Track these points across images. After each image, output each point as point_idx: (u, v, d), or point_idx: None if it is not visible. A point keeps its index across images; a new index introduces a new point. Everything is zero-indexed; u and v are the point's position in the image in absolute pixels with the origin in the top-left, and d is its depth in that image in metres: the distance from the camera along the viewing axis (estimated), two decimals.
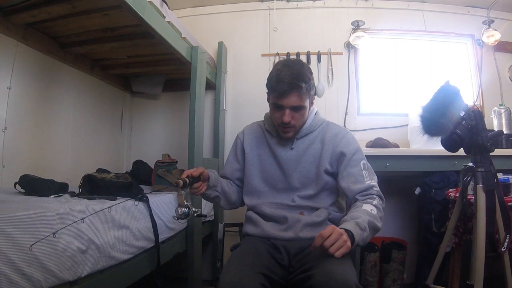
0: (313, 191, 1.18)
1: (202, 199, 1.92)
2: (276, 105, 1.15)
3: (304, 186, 1.19)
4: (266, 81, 1.19)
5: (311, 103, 1.21)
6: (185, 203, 1.02)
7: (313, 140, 1.22)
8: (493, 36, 2.32)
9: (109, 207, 1.05)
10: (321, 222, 1.14)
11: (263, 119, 1.33)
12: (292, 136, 1.20)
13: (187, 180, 1.01)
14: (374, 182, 1.15)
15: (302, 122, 1.19)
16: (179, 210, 1.01)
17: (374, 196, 1.11)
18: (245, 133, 1.33)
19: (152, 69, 2.33)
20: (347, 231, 0.90)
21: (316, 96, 2.34)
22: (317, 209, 1.17)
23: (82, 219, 0.97)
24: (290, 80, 1.09)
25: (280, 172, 1.22)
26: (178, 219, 1.02)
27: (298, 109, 1.14)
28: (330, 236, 0.85)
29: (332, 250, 0.85)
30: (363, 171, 1.15)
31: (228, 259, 1.06)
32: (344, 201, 1.28)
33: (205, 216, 1.15)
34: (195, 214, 1.04)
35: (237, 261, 0.99)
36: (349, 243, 0.87)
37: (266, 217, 1.18)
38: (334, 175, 1.20)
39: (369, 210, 1.03)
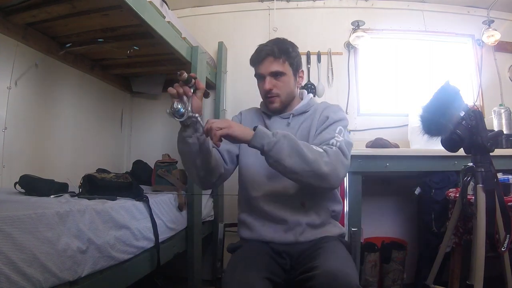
0: None
1: (202, 197, 1.93)
2: (257, 76, 1.18)
3: None
4: None
5: (300, 77, 1.23)
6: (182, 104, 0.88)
7: (308, 117, 1.20)
8: (493, 36, 2.32)
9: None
10: (322, 223, 1.12)
11: (259, 106, 1.31)
12: (279, 106, 1.18)
13: (193, 78, 0.91)
14: (340, 138, 1.04)
15: (287, 91, 1.18)
16: (175, 105, 0.88)
17: (332, 147, 1.00)
18: (242, 114, 1.31)
19: (152, 69, 2.33)
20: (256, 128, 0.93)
21: (316, 96, 2.38)
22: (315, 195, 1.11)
23: None
24: (266, 49, 1.15)
25: None
26: (173, 114, 0.89)
27: (277, 74, 1.14)
28: (217, 120, 0.92)
29: (213, 126, 0.89)
30: (336, 133, 1.05)
31: (229, 262, 1.05)
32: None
33: (200, 115, 0.97)
34: (191, 114, 0.92)
35: (241, 265, 0.97)
36: (235, 130, 0.91)
37: (263, 217, 1.12)
38: None
39: (309, 144, 0.98)
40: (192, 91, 0.93)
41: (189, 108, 0.91)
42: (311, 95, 1.27)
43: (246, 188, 1.17)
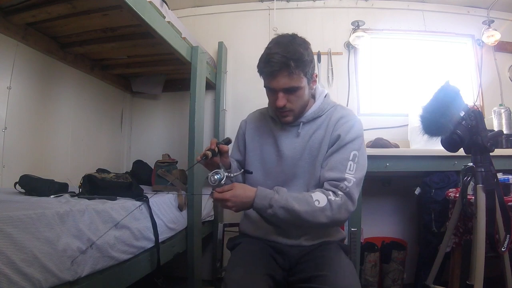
0: (316, 182, 1.07)
1: (202, 197, 1.93)
2: (268, 88, 1.06)
3: (308, 176, 1.09)
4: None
5: (313, 82, 1.09)
6: (217, 171, 0.98)
7: (320, 125, 1.10)
8: (493, 36, 2.32)
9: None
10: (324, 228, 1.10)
11: (267, 106, 1.21)
12: (292, 120, 1.09)
13: (215, 149, 1.01)
14: (352, 177, 0.99)
15: (301, 104, 1.07)
16: (213, 179, 0.95)
17: (339, 192, 0.97)
18: (247, 121, 1.25)
19: (152, 69, 2.33)
20: (255, 197, 0.95)
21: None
22: None
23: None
24: (279, 59, 0.98)
25: (282, 164, 1.11)
26: (214, 183, 0.96)
27: (292, 90, 1.02)
28: (224, 195, 0.93)
29: (216, 197, 0.94)
30: (349, 162, 1.01)
31: (229, 259, 1.05)
32: None
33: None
34: (232, 175, 1.01)
35: (242, 261, 0.98)
36: (234, 208, 0.94)
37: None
38: None
39: (312, 200, 0.94)
40: (218, 156, 1.03)
41: (223, 173, 0.98)
42: (325, 92, 1.16)
43: (252, 181, 1.17)
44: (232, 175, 1.01)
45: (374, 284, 2.02)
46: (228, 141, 1.08)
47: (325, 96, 1.15)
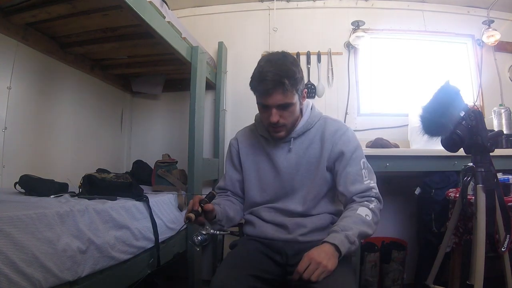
0: (314, 194, 1.12)
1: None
2: (262, 105, 1.09)
3: (305, 189, 1.13)
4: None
5: (303, 97, 1.13)
6: (203, 230, 0.99)
7: (312, 139, 1.14)
8: (493, 36, 2.32)
9: None
10: (324, 227, 1.11)
11: (254, 122, 1.26)
12: (285, 135, 1.13)
13: (199, 209, 0.96)
14: (373, 183, 1.10)
15: (293, 119, 1.11)
16: (197, 241, 0.96)
17: (372, 198, 1.06)
18: (238, 140, 1.25)
19: (152, 69, 2.33)
20: (333, 245, 0.89)
21: (316, 96, 2.38)
22: (319, 214, 1.13)
23: None
24: (273, 78, 1.01)
25: (280, 179, 1.15)
26: (199, 244, 0.97)
27: (285, 107, 1.06)
28: (308, 268, 0.85)
29: (313, 279, 0.84)
30: (363, 170, 1.10)
31: (221, 262, 1.06)
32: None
33: (228, 232, 1.15)
34: (217, 232, 1.02)
35: (227, 264, 0.99)
36: (330, 266, 0.86)
37: (265, 221, 1.15)
38: (333, 174, 1.14)
39: (363, 215, 1.00)
40: (203, 214, 0.99)
41: (208, 231, 1.00)
42: (310, 104, 1.20)
43: (250, 198, 1.20)
44: (217, 232, 1.02)
45: (374, 284, 2.02)
46: (212, 196, 1.02)
47: (311, 108, 1.19)
